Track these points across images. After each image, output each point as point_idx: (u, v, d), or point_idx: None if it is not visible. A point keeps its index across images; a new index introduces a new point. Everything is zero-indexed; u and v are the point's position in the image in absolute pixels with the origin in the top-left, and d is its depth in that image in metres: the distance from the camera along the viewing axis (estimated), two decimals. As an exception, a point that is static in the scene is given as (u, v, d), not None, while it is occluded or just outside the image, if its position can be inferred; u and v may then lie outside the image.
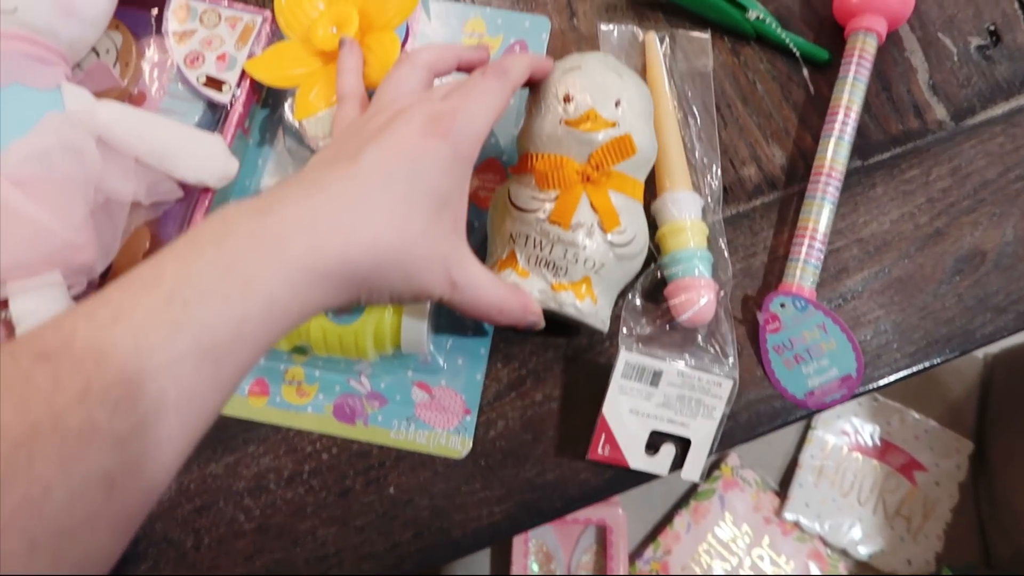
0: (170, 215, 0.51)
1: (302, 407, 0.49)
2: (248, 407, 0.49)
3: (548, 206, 0.43)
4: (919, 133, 0.53)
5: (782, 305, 0.48)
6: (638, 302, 0.48)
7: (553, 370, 0.49)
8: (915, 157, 0.52)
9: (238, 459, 0.48)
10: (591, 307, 0.44)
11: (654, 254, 0.49)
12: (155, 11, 0.54)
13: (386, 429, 0.49)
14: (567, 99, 0.44)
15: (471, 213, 0.51)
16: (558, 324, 0.48)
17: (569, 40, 0.55)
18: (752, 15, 0.53)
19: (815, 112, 0.53)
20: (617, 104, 0.44)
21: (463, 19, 0.56)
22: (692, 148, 0.51)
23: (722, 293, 0.48)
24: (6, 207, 0.41)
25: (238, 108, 0.50)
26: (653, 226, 0.49)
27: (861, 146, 0.52)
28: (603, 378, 0.48)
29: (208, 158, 0.48)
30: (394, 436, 0.48)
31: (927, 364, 0.49)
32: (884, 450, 1.05)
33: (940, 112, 0.53)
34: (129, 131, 0.46)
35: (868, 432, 1.06)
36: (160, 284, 0.28)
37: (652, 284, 0.49)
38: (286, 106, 0.53)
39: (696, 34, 0.54)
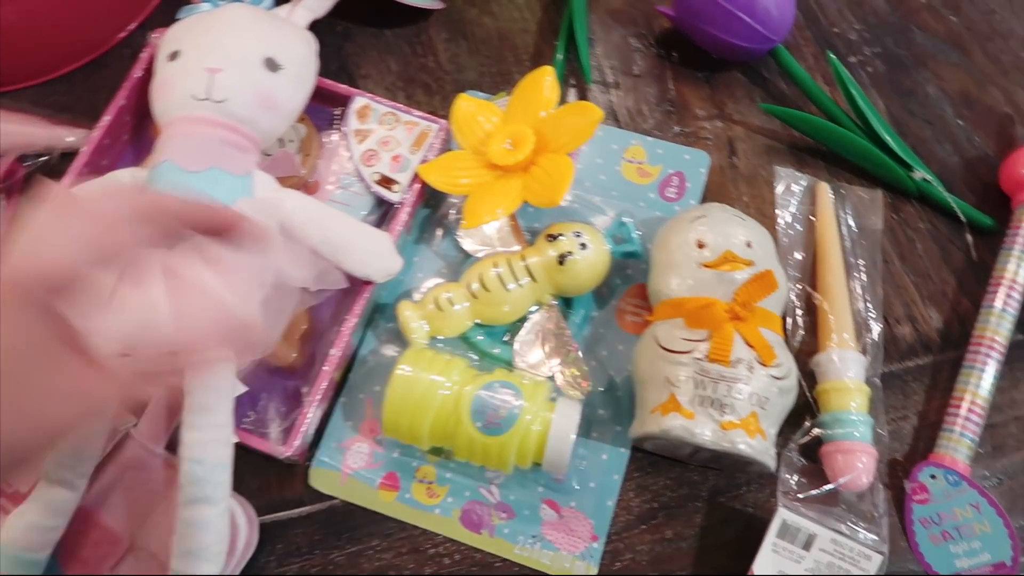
0: (326, 300, 0.53)
1: (430, 507, 0.49)
2: (377, 500, 0.49)
3: (703, 346, 0.44)
4: (1086, 313, 0.51)
5: (932, 476, 0.46)
6: (795, 457, 0.47)
7: (686, 508, 0.48)
8: (1082, 338, 0.51)
9: (360, 551, 0.48)
10: (762, 444, 0.43)
11: (812, 408, 0.48)
12: (337, 110, 0.57)
13: (511, 543, 0.48)
14: (700, 245, 0.46)
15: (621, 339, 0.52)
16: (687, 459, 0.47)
17: (727, 178, 0.56)
18: (918, 175, 0.53)
19: (975, 278, 0.52)
20: (748, 245, 0.46)
21: (624, 145, 0.58)
22: (856, 304, 0.50)
23: (880, 460, 0.47)
24: (198, 284, 0.43)
25: (407, 208, 0.53)
26: (810, 377, 0.49)
27: (1024, 320, 0.51)
28: (739, 525, 0.47)
29: (377, 254, 0.50)
30: (518, 552, 0.48)
31: (1086, 560, 0.46)
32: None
33: (1109, 295, 0.52)
34: (308, 221, 0.49)
35: None
36: None
37: (808, 439, 0.48)
38: (451, 212, 0.55)
39: (867, 191, 0.54)
